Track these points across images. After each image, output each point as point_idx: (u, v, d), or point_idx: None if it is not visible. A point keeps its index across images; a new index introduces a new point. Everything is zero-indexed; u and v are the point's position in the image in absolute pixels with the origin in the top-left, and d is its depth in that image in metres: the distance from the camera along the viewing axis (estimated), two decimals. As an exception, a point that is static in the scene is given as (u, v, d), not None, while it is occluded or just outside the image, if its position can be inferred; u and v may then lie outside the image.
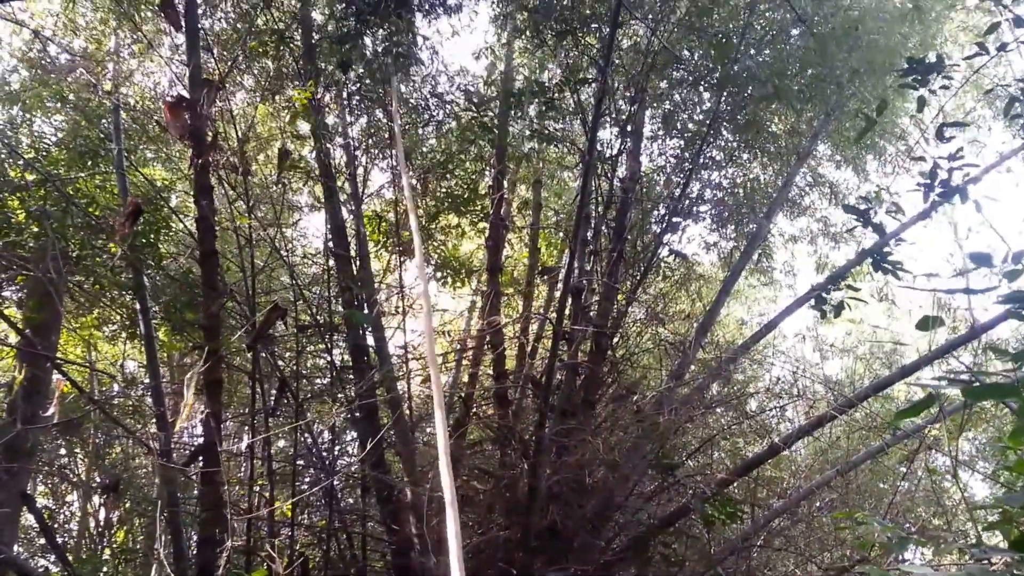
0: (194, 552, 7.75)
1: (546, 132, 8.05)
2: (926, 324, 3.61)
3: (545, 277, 8.73)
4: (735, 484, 7.67)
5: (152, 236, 8.72)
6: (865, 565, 6.70)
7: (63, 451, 9.79)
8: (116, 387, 10.19)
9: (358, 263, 7.94)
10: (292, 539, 7.83)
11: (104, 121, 8.83)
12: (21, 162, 8.61)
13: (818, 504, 8.19)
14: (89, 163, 8.97)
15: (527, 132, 8.21)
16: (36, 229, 8.48)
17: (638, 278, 8.06)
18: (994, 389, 2.98)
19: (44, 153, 9.03)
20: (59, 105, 9.08)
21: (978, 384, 3.01)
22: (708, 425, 8.05)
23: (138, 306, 8.28)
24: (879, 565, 6.19)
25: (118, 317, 9.30)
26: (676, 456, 7.58)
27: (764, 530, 7.87)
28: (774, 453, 7.53)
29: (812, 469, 8.80)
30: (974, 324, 6.36)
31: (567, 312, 7.59)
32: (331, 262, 8.11)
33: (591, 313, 7.74)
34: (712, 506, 7.20)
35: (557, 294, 8.21)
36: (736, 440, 8.30)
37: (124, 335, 9.49)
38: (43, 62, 9.21)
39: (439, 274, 8.91)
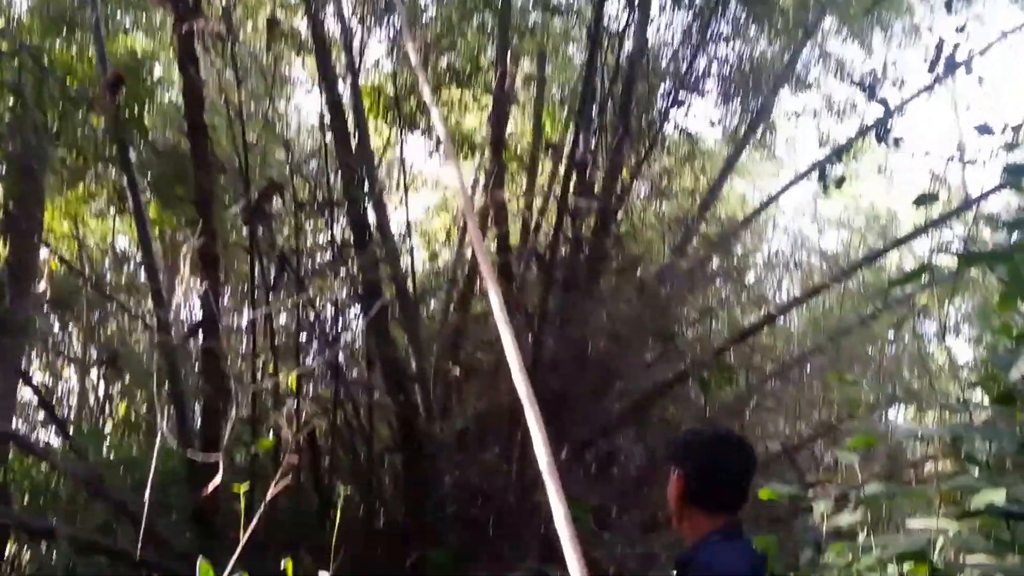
0: (199, 424, 8.43)
1: (551, 4, 8.41)
2: (923, 200, 4.17)
3: (549, 152, 9.23)
4: (731, 351, 8.58)
5: (136, 108, 8.99)
6: (852, 423, 7.74)
7: (57, 327, 10.32)
8: (107, 263, 10.63)
9: (356, 138, 8.34)
10: (297, 410, 8.50)
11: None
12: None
13: (809, 368, 9.19)
14: (64, 31, 9.12)
15: (531, 3, 8.55)
16: (11, 101, 8.71)
17: (643, 154, 8.67)
18: (987, 256, 3.41)
19: (14, 21, 9.14)
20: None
21: (971, 252, 3.53)
22: (707, 296, 8.90)
23: (125, 181, 8.48)
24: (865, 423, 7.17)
25: (105, 193, 9.68)
26: (676, 326, 8.40)
27: (757, 393, 8.87)
28: (769, 322, 8.45)
29: (805, 336, 9.77)
30: (967, 196, 7.14)
31: (571, 187, 8.26)
32: (328, 137, 8.50)
33: (595, 188, 8.36)
34: (709, 372, 8.12)
35: (561, 170, 8.75)
36: (734, 310, 9.18)
37: (113, 211, 9.89)
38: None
39: (441, 148, 9.41)
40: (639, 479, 8.82)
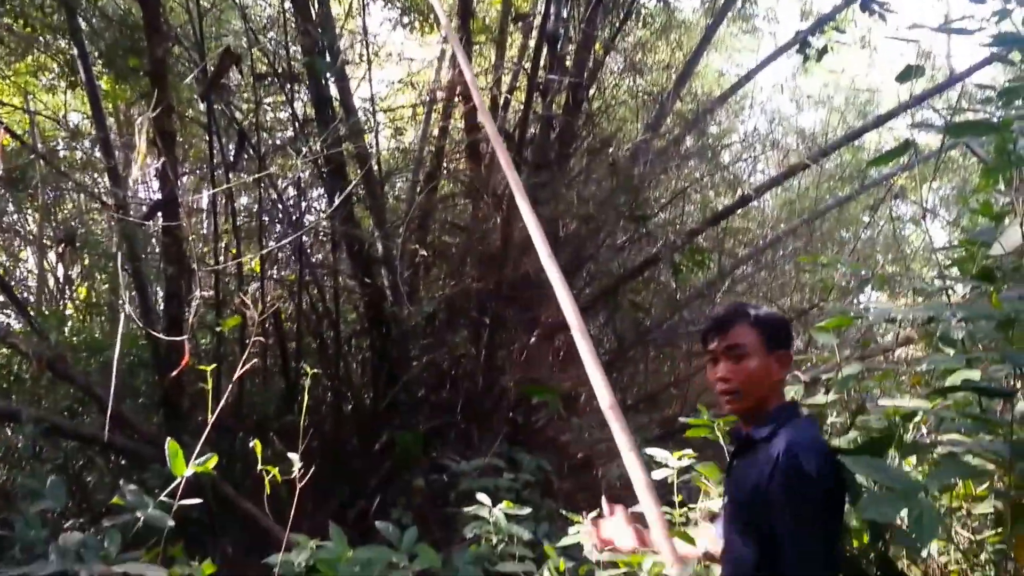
0: (161, 307, 8.29)
1: None
2: (907, 75, 3.97)
3: (519, 24, 8.86)
4: (704, 234, 8.47)
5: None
6: (825, 307, 7.73)
7: (11, 207, 9.99)
8: (61, 139, 10.27)
9: (317, 5, 7.97)
10: (262, 292, 8.37)
11: None
12: None
13: (783, 252, 9.13)
14: None
15: None
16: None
17: (617, 25, 8.34)
18: (975, 126, 3.32)
19: None
20: None
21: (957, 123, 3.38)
22: (681, 177, 8.73)
23: (76, 51, 8.22)
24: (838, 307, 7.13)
25: (55, 65, 9.26)
26: (648, 208, 8.26)
27: (729, 277, 8.82)
28: (744, 204, 8.31)
29: (779, 219, 9.68)
30: (952, 72, 6.93)
31: (542, 62, 7.93)
32: (287, 4, 8.10)
33: (567, 63, 8.05)
34: (681, 255, 8.03)
35: (532, 43, 8.42)
36: (707, 192, 9.04)
37: (64, 84, 9.48)
38: None
39: (405, 19, 9.00)
40: (610, 363, 8.81)
